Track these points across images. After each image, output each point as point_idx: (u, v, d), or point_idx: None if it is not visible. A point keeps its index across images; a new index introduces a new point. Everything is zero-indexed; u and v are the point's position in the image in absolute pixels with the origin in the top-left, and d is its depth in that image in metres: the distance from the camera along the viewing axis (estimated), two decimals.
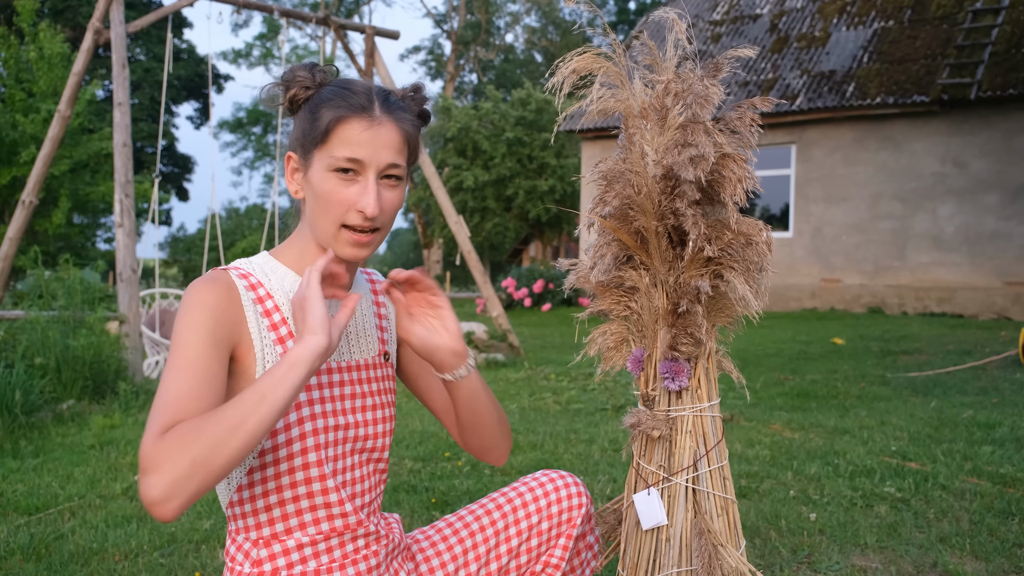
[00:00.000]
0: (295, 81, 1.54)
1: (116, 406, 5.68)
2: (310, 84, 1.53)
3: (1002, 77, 13.12)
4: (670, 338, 1.77)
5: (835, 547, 2.81)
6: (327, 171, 1.46)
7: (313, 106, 1.50)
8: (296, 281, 1.54)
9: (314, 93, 1.53)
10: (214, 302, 1.42)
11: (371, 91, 1.51)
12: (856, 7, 16.06)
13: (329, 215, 1.47)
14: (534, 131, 27.51)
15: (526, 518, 1.76)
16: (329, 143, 1.46)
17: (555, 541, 1.77)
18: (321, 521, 1.50)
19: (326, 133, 1.46)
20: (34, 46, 20.99)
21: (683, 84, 1.73)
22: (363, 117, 1.46)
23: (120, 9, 7.63)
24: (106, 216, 26.49)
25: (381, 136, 1.47)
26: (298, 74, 1.55)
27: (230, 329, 1.43)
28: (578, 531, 1.78)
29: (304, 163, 1.51)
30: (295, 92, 1.54)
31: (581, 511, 1.78)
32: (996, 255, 13.37)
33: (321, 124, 1.47)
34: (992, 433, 4.47)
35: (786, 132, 15.00)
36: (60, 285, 6.33)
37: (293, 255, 1.56)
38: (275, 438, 1.46)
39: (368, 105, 1.48)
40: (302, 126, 1.51)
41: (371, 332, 1.65)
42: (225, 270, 1.49)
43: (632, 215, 1.76)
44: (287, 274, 1.55)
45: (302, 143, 1.51)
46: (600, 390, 6.45)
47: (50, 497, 3.59)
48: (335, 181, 1.46)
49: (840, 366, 7.69)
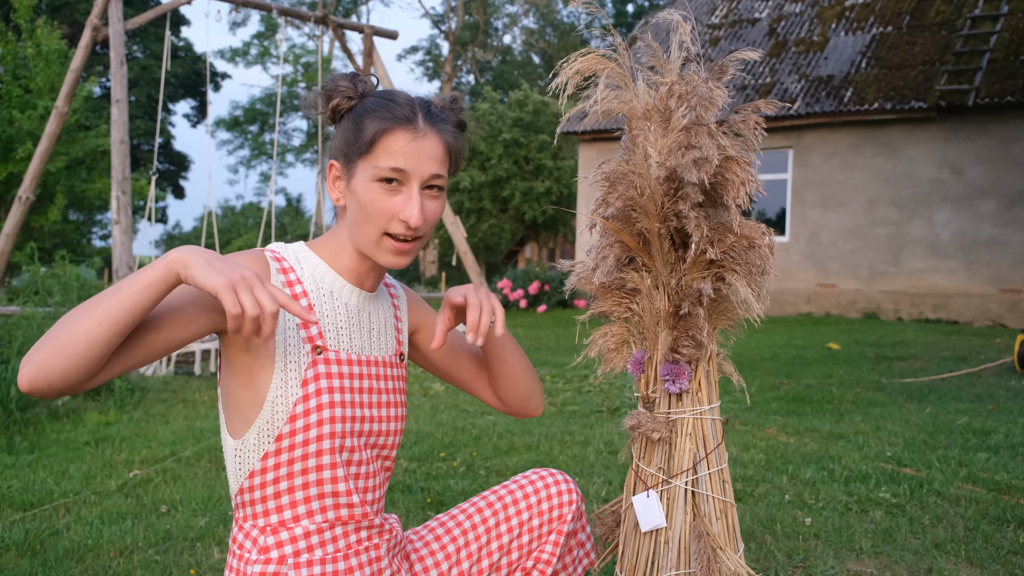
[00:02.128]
0: (338, 91, 1.56)
1: (111, 403, 5.67)
2: (352, 94, 1.56)
3: (1000, 84, 13.15)
4: (671, 340, 1.77)
5: (830, 552, 2.81)
6: (371, 181, 1.49)
7: (357, 116, 1.53)
8: (327, 273, 1.58)
9: (357, 103, 1.55)
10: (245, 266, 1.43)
11: (414, 102, 1.54)
12: (855, 12, 16.09)
13: (373, 224, 1.50)
14: (531, 133, 27.52)
15: (516, 515, 1.79)
16: (374, 154, 1.49)
17: (546, 538, 1.80)
18: (328, 509, 1.52)
19: (371, 144, 1.49)
20: (31, 42, 20.92)
21: (687, 86, 1.73)
22: (407, 128, 1.49)
23: (118, 6, 7.62)
24: (102, 213, 26.43)
25: (425, 147, 1.50)
26: (340, 84, 1.56)
27: None
28: (569, 527, 1.80)
29: (347, 172, 1.53)
30: (338, 102, 1.56)
31: (571, 508, 1.80)
32: (992, 262, 13.39)
33: (366, 135, 1.50)
34: (987, 440, 4.48)
35: (783, 136, 15.02)
36: (56, 281, 6.32)
37: (329, 251, 1.59)
38: (293, 423, 1.48)
39: (412, 116, 1.51)
40: (345, 136, 1.54)
41: (390, 332, 1.68)
42: (261, 250, 1.53)
43: (635, 217, 1.76)
44: (319, 264, 1.58)
45: (345, 152, 1.53)
46: (596, 392, 6.45)
47: (45, 493, 3.58)
48: (379, 191, 1.49)
49: (835, 371, 7.69)
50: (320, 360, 1.51)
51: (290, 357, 1.49)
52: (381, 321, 1.66)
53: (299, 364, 1.49)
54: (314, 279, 1.56)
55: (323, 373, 1.51)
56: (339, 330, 1.56)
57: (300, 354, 1.50)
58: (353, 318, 1.59)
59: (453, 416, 5.46)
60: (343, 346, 1.56)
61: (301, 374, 1.49)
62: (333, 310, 1.56)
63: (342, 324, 1.57)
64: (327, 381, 1.51)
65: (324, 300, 1.56)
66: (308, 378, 1.49)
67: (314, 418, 1.48)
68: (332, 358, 1.53)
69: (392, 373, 1.66)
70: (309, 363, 1.50)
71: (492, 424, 5.13)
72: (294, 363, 1.49)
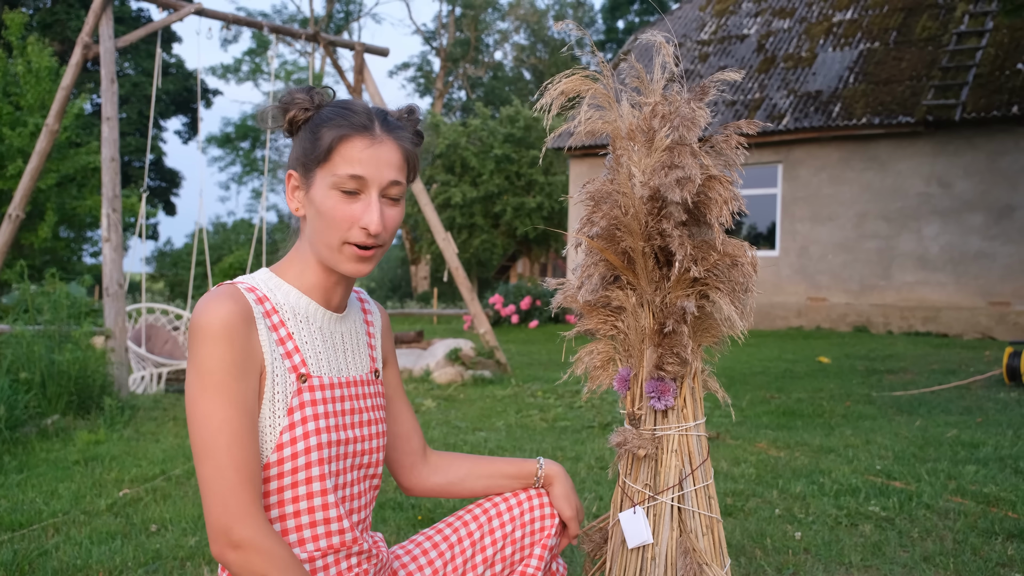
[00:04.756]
0: (294, 103, 1.57)
1: (101, 421, 5.65)
2: (309, 106, 1.56)
3: (986, 99, 13.24)
4: (656, 358, 1.78)
5: (820, 566, 2.82)
6: (329, 189, 1.49)
7: (314, 126, 1.53)
8: (299, 298, 1.57)
9: (313, 114, 1.56)
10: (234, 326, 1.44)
11: (370, 111, 1.54)
12: (842, 28, 16.21)
13: (332, 232, 1.50)
14: (522, 148, 27.60)
15: (500, 527, 1.80)
16: (332, 161, 1.49)
17: (530, 551, 1.81)
18: (320, 538, 1.52)
19: (328, 152, 1.50)
20: (22, 60, 20.92)
21: (670, 106, 1.75)
22: (364, 136, 1.50)
23: (109, 24, 7.63)
24: (93, 230, 26.36)
25: (382, 154, 1.50)
26: (296, 96, 1.57)
27: (252, 351, 1.46)
28: (553, 541, 1.81)
29: (305, 181, 1.54)
30: (294, 113, 1.57)
31: (555, 521, 1.82)
32: (980, 275, 13.46)
33: (323, 143, 1.50)
34: (976, 452, 4.50)
35: (772, 151, 15.09)
36: (46, 299, 6.30)
37: (294, 272, 1.59)
38: (280, 452, 1.48)
39: (369, 124, 1.51)
40: (303, 146, 1.54)
41: (363, 349, 1.69)
42: (233, 284, 1.51)
43: (619, 235, 1.78)
44: (290, 291, 1.57)
45: (303, 162, 1.53)
46: (587, 408, 6.46)
47: (34, 513, 3.56)
48: (337, 198, 1.49)
49: (826, 385, 7.72)
50: (305, 388, 1.51)
51: (277, 387, 1.49)
52: (353, 340, 1.66)
53: (285, 393, 1.49)
54: (288, 305, 1.56)
55: (307, 401, 1.51)
56: (318, 355, 1.56)
57: (286, 384, 1.50)
58: (327, 340, 1.60)
59: (444, 432, 5.46)
60: (324, 370, 1.56)
61: (287, 403, 1.49)
62: (311, 335, 1.56)
63: (320, 348, 1.57)
64: (312, 408, 1.51)
65: (301, 326, 1.56)
66: (293, 406, 1.49)
67: (301, 445, 1.48)
68: (316, 384, 1.53)
69: (370, 391, 1.66)
70: (295, 391, 1.50)
71: (483, 440, 5.13)
72: (280, 393, 1.49)
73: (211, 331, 1.42)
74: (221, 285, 1.50)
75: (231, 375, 1.41)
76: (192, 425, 1.42)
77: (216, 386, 1.40)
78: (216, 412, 1.40)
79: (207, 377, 1.41)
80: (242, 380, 1.43)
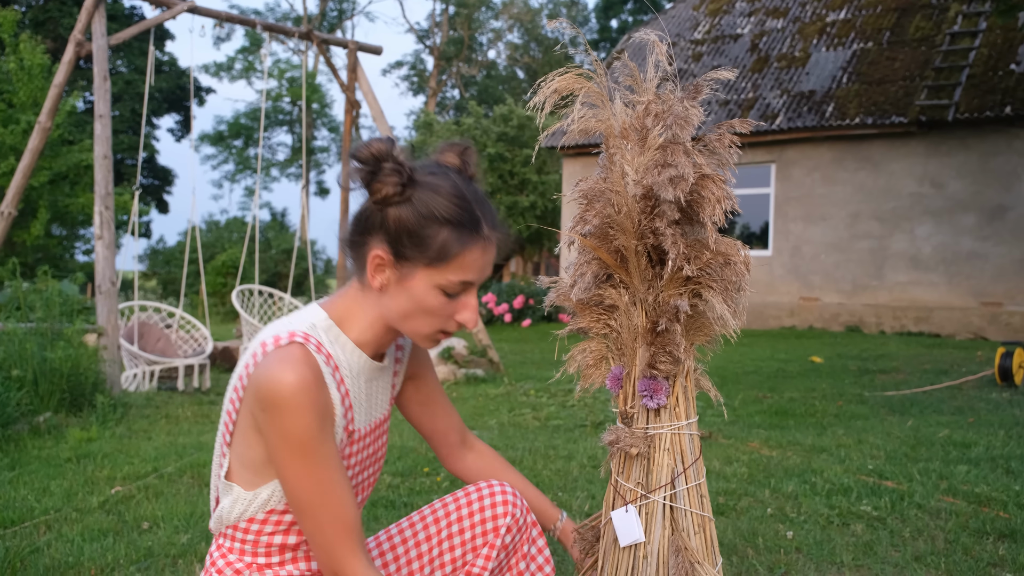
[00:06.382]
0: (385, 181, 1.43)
1: (93, 419, 5.64)
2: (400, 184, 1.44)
3: (979, 99, 13.28)
4: (649, 356, 1.78)
5: (811, 565, 2.83)
6: (434, 287, 1.46)
7: (420, 217, 1.44)
8: (353, 351, 1.54)
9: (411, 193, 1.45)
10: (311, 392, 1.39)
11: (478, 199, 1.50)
12: (836, 28, 16.23)
13: (428, 321, 1.49)
14: (515, 147, 27.56)
15: (448, 527, 1.77)
16: (447, 267, 1.45)
17: (479, 551, 1.77)
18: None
19: (444, 257, 1.44)
20: (15, 57, 20.87)
21: (663, 105, 1.75)
22: (479, 240, 1.47)
23: (102, 21, 7.61)
24: (85, 228, 26.31)
25: (490, 257, 1.50)
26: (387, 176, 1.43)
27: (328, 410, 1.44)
28: (504, 540, 1.76)
29: (400, 269, 1.46)
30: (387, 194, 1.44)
31: (506, 519, 1.76)
32: (973, 275, 13.50)
33: (440, 246, 1.44)
34: (968, 452, 4.51)
35: (766, 151, 15.11)
36: (38, 297, 6.28)
37: (358, 328, 1.54)
38: None
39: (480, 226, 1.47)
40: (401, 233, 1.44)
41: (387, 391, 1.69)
42: (302, 346, 1.43)
43: (612, 234, 1.78)
44: (347, 345, 1.53)
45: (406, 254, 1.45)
46: (580, 406, 6.46)
47: (25, 510, 3.55)
48: (440, 295, 1.47)
49: (818, 384, 7.73)
50: (347, 442, 1.54)
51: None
52: (383, 382, 1.67)
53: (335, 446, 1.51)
54: (345, 360, 1.53)
55: (347, 454, 1.54)
56: (360, 406, 1.57)
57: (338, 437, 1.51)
58: (366, 390, 1.59)
59: None
60: (361, 422, 1.58)
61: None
62: (358, 388, 1.56)
63: (362, 400, 1.57)
64: (346, 460, 1.55)
65: (353, 381, 1.54)
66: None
67: None
68: (356, 438, 1.56)
69: (384, 428, 1.69)
70: (344, 444, 1.53)
71: None
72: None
73: (292, 402, 1.37)
74: (290, 345, 1.41)
75: (316, 439, 1.40)
76: (285, 486, 1.43)
77: (303, 452, 1.40)
78: (307, 476, 1.40)
79: (294, 445, 1.39)
80: (325, 441, 1.42)
